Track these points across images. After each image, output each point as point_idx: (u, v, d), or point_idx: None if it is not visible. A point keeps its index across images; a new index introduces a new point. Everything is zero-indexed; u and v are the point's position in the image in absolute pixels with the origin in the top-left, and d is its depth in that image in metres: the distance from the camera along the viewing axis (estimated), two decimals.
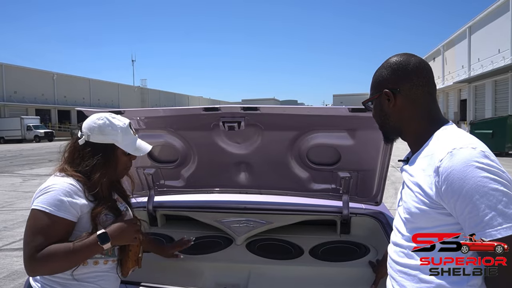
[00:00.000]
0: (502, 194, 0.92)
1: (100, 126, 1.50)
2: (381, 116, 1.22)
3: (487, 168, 0.94)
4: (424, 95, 1.15)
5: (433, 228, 1.03)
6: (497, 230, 0.91)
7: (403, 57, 1.17)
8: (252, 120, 2.13)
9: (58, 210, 1.37)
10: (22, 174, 12.77)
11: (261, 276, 2.09)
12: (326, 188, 2.54)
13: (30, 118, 36.67)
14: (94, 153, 1.49)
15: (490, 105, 27.50)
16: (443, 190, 0.98)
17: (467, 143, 1.00)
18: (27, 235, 1.38)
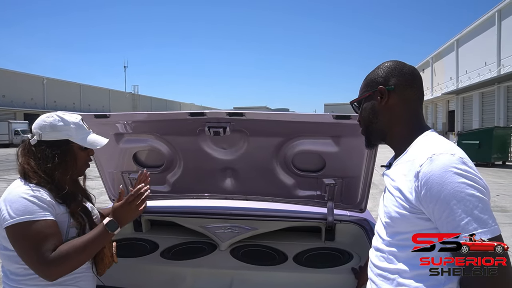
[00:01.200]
0: (478, 200, 0.95)
1: (51, 123, 1.48)
2: (369, 115, 1.22)
3: (465, 174, 0.97)
4: (415, 98, 1.19)
5: (412, 233, 1.04)
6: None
7: (398, 62, 1.22)
8: (238, 125, 2.14)
9: (35, 213, 1.34)
10: (8, 179, 12.53)
11: (244, 282, 2.09)
12: (311, 195, 2.55)
13: (18, 122, 36.09)
14: (49, 151, 1.46)
15: (477, 116, 28.00)
16: (422, 195, 1.00)
17: (446, 149, 1.02)
18: (25, 249, 1.32)
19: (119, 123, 2.28)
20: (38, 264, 1.31)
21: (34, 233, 1.32)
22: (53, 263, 1.31)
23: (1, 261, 1.46)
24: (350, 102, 1.32)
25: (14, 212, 1.33)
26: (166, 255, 2.36)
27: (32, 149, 1.48)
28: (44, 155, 1.45)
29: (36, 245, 1.31)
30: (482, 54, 27.19)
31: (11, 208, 1.34)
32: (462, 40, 31.45)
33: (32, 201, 1.36)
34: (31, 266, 1.34)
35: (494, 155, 15.54)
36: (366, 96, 1.23)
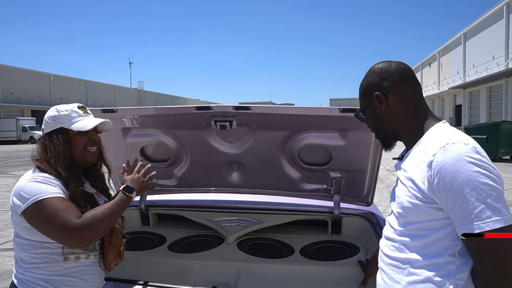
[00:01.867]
0: (492, 189, 0.95)
1: (48, 116, 1.57)
2: (375, 121, 1.26)
3: (478, 163, 0.97)
4: (411, 92, 1.20)
5: (424, 223, 1.06)
6: (485, 222, 0.94)
7: (383, 63, 1.25)
8: (244, 119, 2.15)
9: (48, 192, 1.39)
10: (16, 175, 12.69)
11: (251, 274, 2.10)
12: (318, 188, 2.56)
13: (25, 119, 36.46)
14: (48, 141, 1.53)
15: (484, 111, 27.72)
16: (435, 184, 1.00)
17: (459, 139, 1.03)
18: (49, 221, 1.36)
19: (126, 117, 2.30)
20: (66, 231, 1.35)
21: (52, 208, 1.37)
22: (81, 229, 1.36)
23: (15, 249, 1.52)
24: (354, 114, 1.37)
25: (27, 195, 1.39)
26: (173, 248, 2.38)
27: (41, 142, 1.57)
28: (44, 145, 1.54)
29: (58, 216, 1.36)
30: (489, 47, 26.84)
31: (24, 193, 1.40)
32: (470, 34, 31.07)
33: (42, 181, 1.42)
34: (58, 235, 1.38)
35: (502, 150, 15.39)
36: (366, 105, 1.26)
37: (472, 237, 0.96)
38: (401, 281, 1.09)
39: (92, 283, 1.54)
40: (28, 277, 1.45)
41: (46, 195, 1.39)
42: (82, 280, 1.50)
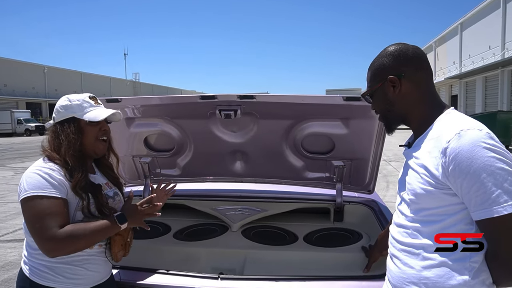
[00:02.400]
0: (508, 173, 0.97)
1: (60, 105, 1.58)
2: (385, 105, 1.23)
3: (494, 148, 0.99)
4: (425, 78, 1.19)
5: (437, 209, 1.07)
6: (503, 206, 0.96)
7: (400, 45, 1.21)
8: (248, 108, 2.16)
9: (45, 189, 1.41)
10: (13, 168, 12.65)
11: (257, 261, 2.14)
12: (320, 177, 2.59)
13: (20, 111, 36.12)
14: (60, 130, 1.55)
15: (480, 101, 27.81)
16: (450, 170, 1.02)
17: (473, 125, 1.04)
18: (32, 221, 1.40)
19: (130, 107, 2.30)
20: (42, 238, 1.38)
21: (41, 208, 1.39)
22: (56, 240, 1.36)
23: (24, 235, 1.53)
24: (362, 95, 1.33)
25: (27, 186, 1.42)
26: (179, 236, 2.41)
27: (51, 132, 1.59)
28: (55, 134, 1.55)
29: (42, 219, 1.38)
30: (486, 37, 26.83)
31: (26, 183, 1.43)
32: (466, 24, 31.00)
33: (44, 177, 1.43)
34: (35, 238, 1.40)
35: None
36: (377, 87, 1.23)
37: (489, 221, 0.98)
38: (416, 266, 1.11)
39: (96, 273, 1.55)
40: (33, 263, 1.47)
41: (42, 193, 1.40)
42: (86, 269, 1.50)
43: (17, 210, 6.71)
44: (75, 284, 1.48)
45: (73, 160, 1.50)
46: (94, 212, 1.51)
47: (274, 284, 1.75)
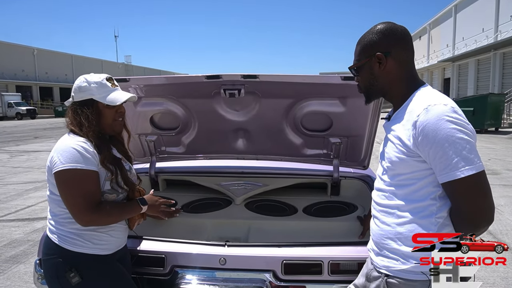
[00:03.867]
0: (466, 142, 1.12)
1: (78, 85, 1.64)
2: (370, 79, 1.34)
3: (456, 121, 1.13)
4: (409, 58, 1.32)
5: (409, 174, 1.23)
6: (461, 171, 1.12)
7: (389, 24, 1.31)
8: (251, 88, 2.27)
9: (82, 163, 1.52)
10: (8, 151, 12.63)
11: (260, 230, 2.29)
12: (318, 154, 2.73)
13: (11, 95, 35.65)
14: (80, 110, 1.63)
15: (472, 84, 28.08)
16: (419, 141, 1.17)
17: (439, 101, 1.18)
18: (72, 195, 1.51)
19: (137, 86, 2.39)
20: (82, 209, 1.51)
21: (81, 181, 1.51)
22: (96, 213, 1.53)
23: (50, 205, 1.65)
24: (349, 68, 1.42)
25: (65, 159, 1.51)
26: (185, 209, 2.54)
27: (71, 109, 1.67)
28: (77, 113, 1.63)
29: (82, 193, 1.51)
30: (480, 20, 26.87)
31: (62, 156, 1.52)
32: (461, 6, 30.94)
33: (79, 151, 1.53)
34: (73, 209, 1.52)
35: (488, 122, 15.82)
36: (364, 63, 1.33)
37: (450, 183, 1.15)
38: (391, 224, 1.28)
39: (118, 239, 1.71)
40: (61, 230, 1.59)
41: (81, 166, 1.51)
42: (110, 236, 1.65)
43: (17, 192, 6.80)
44: (101, 249, 1.62)
45: (95, 138, 1.62)
46: (121, 183, 1.65)
47: (277, 249, 1.90)
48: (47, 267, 1.62)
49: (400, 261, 1.24)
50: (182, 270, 1.92)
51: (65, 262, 1.56)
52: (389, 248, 1.28)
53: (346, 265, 1.84)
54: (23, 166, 9.53)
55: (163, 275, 1.92)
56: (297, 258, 1.86)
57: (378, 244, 1.33)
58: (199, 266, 1.91)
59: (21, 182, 7.70)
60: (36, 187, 7.20)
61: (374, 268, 1.36)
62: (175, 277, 1.91)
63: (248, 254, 1.89)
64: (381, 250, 1.31)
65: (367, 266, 1.44)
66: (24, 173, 8.59)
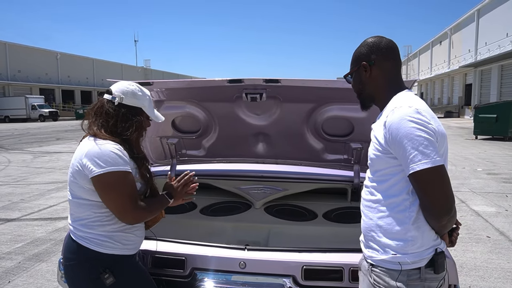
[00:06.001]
0: (424, 139, 1.22)
1: (133, 90, 1.66)
2: (359, 86, 1.51)
3: (416, 120, 1.24)
4: (392, 67, 1.45)
5: (385, 169, 1.34)
6: (417, 164, 1.22)
7: (376, 37, 1.48)
8: (273, 92, 2.27)
9: (120, 165, 1.54)
10: (32, 151, 13.02)
11: (280, 234, 2.29)
12: (339, 159, 2.71)
13: (34, 97, 36.76)
14: (130, 114, 1.63)
15: (495, 90, 27.33)
16: (388, 138, 1.29)
17: (406, 103, 1.30)
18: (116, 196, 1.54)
19: (159, 90, 2.43)
20: (131, 208, 1.56)
21: (126, 182, 1.55)
22: (139, 211, 1.59)
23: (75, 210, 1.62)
24: (344, 76, 1.59)
25: (105, 163, 1.51)
26: (205, 212, 2.56)
27: (111, 110, 1.62)
28: (126, 117, 1.62)
29: (130, 193, 1.56)
30: (504, 25, 26.19)
31: (100, 160, 1.51)
32: (484, 10, 30.25)
33: (119, 154, 1.55)
34: (121, 210, 1.55)
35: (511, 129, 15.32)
36: (354, 71, 1.51)
37: (411, 176, 1.24)
38: (373, 218, 1.39)
39: (140, 238, 1.74)
40: (90, 234, 1.59)
41: (123, 168, 1.53)
42: (135, 236, 1.68)
43: (39, 191, 6.99)
44: (128, 249, 1.65)
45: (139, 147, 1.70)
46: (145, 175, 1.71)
47: (297, 254, 1.89)
48: (74, 270, 1.62)
49: (381, 251, 1.36)
50: (201, 273, 1.92)
51: (97, 264, 1.57)
52: (372, 240, 1.40)
53: None
54: (45, 167, 9.79)
55: (183, 277, 1.93)
56: (317, 264, 1.84)
57: (365, 236, 1.45)
58: (219, 269, 1.91)
59: (43, 182, 7.91)
60: (58, 187, 7.39)
61: (364, 259, 1.47)
62: (195, 280, 1.92)
63: (268, 259, 1.88)
64: (367, 241, 1.43)
65: (361, 257, 1.55)
66: (47, 174, 8.83)
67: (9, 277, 3.54)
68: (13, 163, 10.55)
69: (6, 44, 39.34)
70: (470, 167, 9.21)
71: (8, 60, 39.21)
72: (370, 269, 1.40)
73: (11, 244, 4.42)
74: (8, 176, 8.63)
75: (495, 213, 5.53)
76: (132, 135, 1.63)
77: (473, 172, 8.60)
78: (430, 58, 45.93)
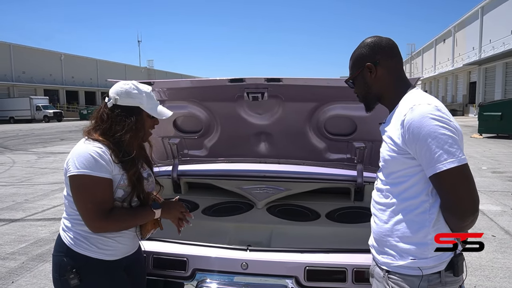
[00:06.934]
0: (448, 137, 1.19)
1: (127, 90, 1.59)
2: (364, 88, 1.47)
3: (438, 118, 1.21)
4: (396, 65, 1.42)
5: (401, 171, 1.29)
6: (443, 163, 1.18)
7: (375, 37, 1.44)
8: (275, 91, 2.25)
9: (96, 170, 1.48)
10: (36, 152, 13.07)
11: (282, 235, 2.26)
12: (342, 158, 2.68)
13: (39, 98, 36.92)
14: (123, 115, 1.57)
15: (500, 88, 27.12)
16: (407, 138, 1.24)
17: (424, 101, 1.26)
18: (84, 201, 1.49)
19: (161, 90, 2.42)
20: (93, 216, 1.48)
21: (93, 187, 1.48)
22: (106, 220, 1.50)
23: (65, 206, 1.63)
24: (345, 81, 1.54)
25: (79, 164, 1.49)
26: (207, 212, 2.55)
27: (107, 112, 1.59)
28: (119, 118, 1.57)
29: (94, 200, 1.48)
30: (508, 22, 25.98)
31: (77, 161, 1.50)
32: (488, 7, 30.01)
33: (95, 157, 1.49)
34: (84, 214, 1.50)
35: None
36: (357, 74, 1.46)
37: (435, 176, 1.20)
38: (388, 222, 1.34)
39: (125, 245, 1.64)
40: (71, 231, 1.58)
41: (94, 173, 1.47)
42: (117, 242, 1.60)
43: (43, 192, 7.02)
44: (105, 254, 1.58)
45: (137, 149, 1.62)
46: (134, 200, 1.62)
47: (300, 255, 1.87)
48: (53, 263, 1.62)
49: (398, 257, 1.31)
50: (203, 274, 1.91)
51: (68, 262, 1.55)
52: (388, 245, 1.34)
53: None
54: (49, 167, 9.83)
55: (185, 278, 1.92)
56: (320, 265, 1.83)
57: (378, 241, 1.39)
58: (221, 270, 1.90)
59: (47, 182, 7.94)
60: (61, 187, 7.39)
61: (376, 265, 1.41)
62: (196, 281, 1.90)
63: (270, 259, 1.87)
64: (381, 247, 1.37)
65: (372, 263, 1.49)
66: (51, 174, 8.86)
67: (13, 277, 3.55)
68: (18, 163, 10.60)
69: (10, 45, 39.56)
70: (475, 165, 9.13)
71: (13, 61, 39.43)
72: (387, 276, 1.34)
73: (15, 244, 4.44)
74: (13, 176, 8.67)
75: (500, 212, 5.48)
76: (124, 137, 1.56)
77: (478, 170, 8.53)
78: (434, 56, 45.65)
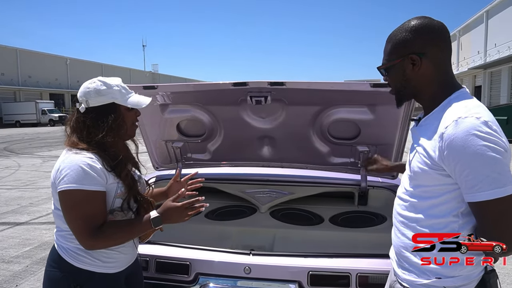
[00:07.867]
0: (496, 162, 1.02)
1: (94, 88, 1.47)
2: (401, 81, 1.22)
3: (487, 137, 1.02)
4: (445, 58, 1.19)
5: (432, 186, 1.14)
6: (488, 192, 1.03)
7: (425, 19, 1.17)
8: (278, 95, 2.25)
9: (86, 184, 1.37)
10: (41, 156, 13.15)
11: (285, 239, 2.25)
12: (345, 162, 2.67)
13: (44, 102, 37.23)
14: (98, 117, 1.46)
15: (505, 92, 26.95)
16: (445, 154, 1.07)
17: (472, 112, 1.06)
18: (74, 217, 1.38)
19: (165, 94, 2.42)
20: (84, 234, 1.37)
21: (83, 202, 1.37)
22: (96, 238, 1.37)
23: (56, 220, 1.52)
24: (378, 68, 1.29)
25: (69, 178, 1.36)
26: (210, 216, 2.54)
27: (82, 119, 1.48)
28: (96, 123, 1.46)
29: (85, 216, 1.37)
30: None
31: (67, 175, 1.37)
32: (493, 11, 29.90)
33: (86, 170, 1.37)
34: (75, 232, 1.39)
35: None
36: (396, 63, 1.20)
37: (475, 204, 1.06)
38: (411, 237, 1.19)
39: (128, 255, 1.58)
40: (69, 246, 1.46)
41: (85, 187, 1.36)
42: (120, 253, 1.52)
43: (48, 195, 7.04)
44: (110, 267, 1.49)
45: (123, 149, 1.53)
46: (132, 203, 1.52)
47: (303, 260, 1.86)
48: (48, 279, 1.51)
49: (422, 275, 1.18)
50: (206, 278, 1.90)
51: (69, 278, 1.44)
52: (409, 262, 1.22)
53: (375, 279, 1.77)
54: None
55: (188, 283, 1.91)
56: (324, 269, 1.81)
57: (399, 255, 1.28)
58: (224, 275, 1.89)
59: None
60: None
61: (397, 280, 1.29)
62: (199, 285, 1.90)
63: (273, 264, 1.86)
64: (402, 262, 1.26)
65: (391, 277, 1.38)
66: None
67: (17, 280, 3.56)
68: (23, 167, 10.66)
69: (17, 50, 39.97)
70: None
71: (19, 66, 39.81)
72: None
73: (19, 247, 4.45)
74: (18, 180, 8.72)
75: None
76: (105, 139, 1.44)
77: None
78: None
